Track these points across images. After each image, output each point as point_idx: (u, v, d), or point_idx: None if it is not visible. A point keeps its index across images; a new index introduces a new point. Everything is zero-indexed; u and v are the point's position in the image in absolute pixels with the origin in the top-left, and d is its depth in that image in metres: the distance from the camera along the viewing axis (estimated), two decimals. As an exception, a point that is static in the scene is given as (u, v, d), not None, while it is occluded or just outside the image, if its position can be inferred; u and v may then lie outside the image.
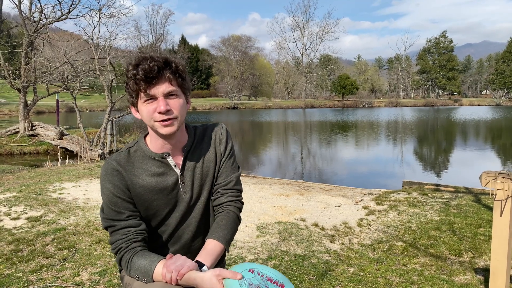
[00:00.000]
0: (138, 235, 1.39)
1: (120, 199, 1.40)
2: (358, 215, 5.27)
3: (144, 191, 1.43)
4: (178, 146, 1.47)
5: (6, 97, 42.15)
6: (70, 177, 7.91)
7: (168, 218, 1.49)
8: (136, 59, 1.34)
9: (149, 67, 1.30)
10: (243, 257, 3.85)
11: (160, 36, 76.10)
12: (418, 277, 3.37)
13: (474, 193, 6.28)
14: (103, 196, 1.43)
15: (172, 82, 1.36)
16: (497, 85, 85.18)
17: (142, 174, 1.43)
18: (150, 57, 1.33)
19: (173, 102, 1.36)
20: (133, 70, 1.32)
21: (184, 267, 1.23)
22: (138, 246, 1.38)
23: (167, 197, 1.46)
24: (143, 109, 1.37)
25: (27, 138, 16.31)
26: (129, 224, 1.40)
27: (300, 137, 22.95)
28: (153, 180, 1.44)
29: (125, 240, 1.38)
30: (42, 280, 3.30)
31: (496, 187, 2.42)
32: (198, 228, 1.54)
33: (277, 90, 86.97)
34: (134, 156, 1.46)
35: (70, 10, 16.78)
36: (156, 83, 1.33)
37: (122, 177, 1.42)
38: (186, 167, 1.49)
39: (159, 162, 1.45)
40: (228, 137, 1.58)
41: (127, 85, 1.38)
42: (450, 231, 4.52)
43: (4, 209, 5.42)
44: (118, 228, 1.39)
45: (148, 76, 1.31)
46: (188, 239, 1.53)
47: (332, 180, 10.54)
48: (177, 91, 1.38)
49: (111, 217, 1.41)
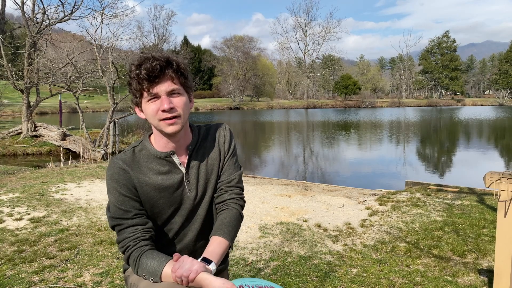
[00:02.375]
0: (146, 233, 1.40)
1: (127, 197, 1.42)
2: (360, 216, 5.26)
3: (150, 189, 1.44)
4: (182, 144, 1.49)
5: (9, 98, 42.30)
6: (72, 177, 7.92)
7: (174, 217, 1.50)
8: (139, 59, 1.36)
9: (151, 66, 1.32)
10: (245, 257, 3.84)
11: (162, 36, 76.30)
12: (421, 278, 3.36)
13: (477, 193, 6.26)
14: (110, 196, 1.44)
15: (175, 80, 1.38)
16: (500, 85, 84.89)
17: (148, 172, 1.45)
18: (152, 56, 1.35)
19: (176, 100, 1.38)
20: (135, 70, 1.35)
21: (193, 272, 1.23)
22: (146, 245, 1.39)
23: (172, 195, 1.47)
24: (147, 108, 1.39)
25: (30, 138, 16.35)
26: (136, 223, 1.41)
27: (303, 138, 22.94)
28: (159, 179, 1.45)
29: (133, 238, 1.39)
30: (44, 281, 3.30)
31: (500, 187, 2.40)
32: (203, 226, 1.55)
33: (280, 90, 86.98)
34: (140, 155, 1.48)
35: (73, 11, 16.83)
36: (159, 82, 1.35)
37: (129, 176, 1.43)
38: (191, 165, 1.50)
39: (164, 160, 1.47)
40: (231, 136, 1.61)
41: (130, 85, 1.39)
42: (454, 231, 4.50)
43: (7, 209, 5.43)
44: (125, 227, 1.41)
45: (150, 75, 1.33)
46: (192, 237, 1.54)
47: (334, 180, 10.52)
48: (180, 89, 1.39)
49: (118, 216, 1.42)
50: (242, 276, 3.44)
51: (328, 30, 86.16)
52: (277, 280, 3.35)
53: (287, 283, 3.28)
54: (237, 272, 3.51)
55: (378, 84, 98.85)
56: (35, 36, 16.46)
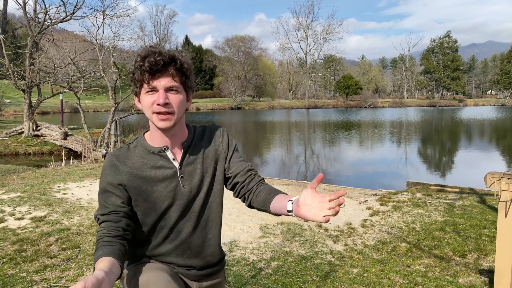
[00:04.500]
0: (112, 231, 1.43)
1: (109, 193, 1.47)
2: (361, 216, 5.26)
3: (143, 183, 1.48)
4: (177, 141, 1.52)
5: (11, 98, 42.36)
6: (74, 177, 7.94)
7: (167, 213, 1.52)
8: (145, 52, 1.41)
9: (155, 60, 1.37)
10: (246, 257, 3.85)
11: (164, 36, 76.33)
12: (422, 278, 3.36)
13: (478, 194, 6.25)
14: (99, 189, 1.51)
15: (175, 78, 1.41)
16: (502, 85, 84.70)
17: (141, 166, 1.49)
18: (158, 51, 1.40)
19: (173, 97, 1.41)
20: (140, 61, 1.39)
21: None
22: (106, 241, 1.42)
23: (165, 190, 1.49)
24: (144, 99, 1.43)
25: (31, 138, 16.38)
26: (109, 219, 1.45)
27: (304, 138, 22.93)
28: (152, 173, 1.49)
29: (102, 233, 1.44)
30: (45, 280, 3.31)
31: (501, 188, 2.40)
32: (197, 223, 1.56)
33: (281, 90, 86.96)
34: (134, 151, 1.52)
35: (75, 11, 16.85)
36: (160, 76, 1.39)
37: (118, 172, 1.48)
38: (186, 161, 1.53)
39: (158, 155, 1.50)
40: (228, 136, 1.64)
41: (133, 74, 1.45)
42: (455, 232, 4.50)
43: (8, 209, 5.45)
44: (101, 221, 1.47)
45: (152, 69, 1.37)
46: (188, 234, 1.54)
47: (335, 180, 10.52)
48: (179, 87, 1.43)
49: (99, 209, 1.49)
50: (243, 275, 3.45)
51: (329, 30, 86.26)
52: (277, 279, 3.36)
53: (288, 283, 3.29)
54: (237, 272, 3.52)
55: (380, 84, 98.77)
56: (36, 35, 16.49)
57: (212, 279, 1.62)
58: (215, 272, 1.62)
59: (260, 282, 3.31)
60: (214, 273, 1.62)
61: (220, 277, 1.66)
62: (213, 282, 1.62)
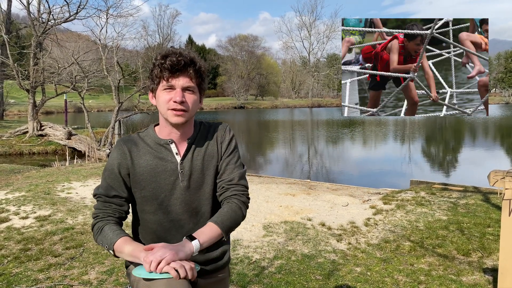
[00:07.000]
0: (117, 212, 1.54)
1: (117, 177, 1.55)
2: (365, 215, 5.25)
3: (144, 171, 1.54)
4: (183, 136, 1.58)
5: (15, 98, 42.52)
6: (78, 176, 7.97)
7: (166, 206, 1.55)
8: (167, 51, 1.49)
9: (176, 60, 1.46)
10: (249, 256, 3.85)
11: (167, 36, 76.37)
12: (426, 277, 3.35)
13: (482, 192, 6.23)
14: (105, 169, 1.58)
15: (193, 79, 1.51)
16: (506, 83, 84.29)
17: (145, 154, 1.56)
18: (179, 52, 1.48)
19: (188, 96, 1.50)
20: (161, 60, 1.47)
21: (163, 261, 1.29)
22: (113, 220, 1.52)
23: (164, 182, 1.55)
24: (160, 96, 1.51)
25: (36, 138, 16.46)
26: (113, 202, 1.54)
27: (307, 136, 22.91)
28: (153, 162, 1.55)
29: (105, 211, 1.54)
30: (50, 279, 3.33)
31: (505, 186, 2.40)
32: (197, 219, 1.58)
33: (284, 89, 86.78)
34: (142, 139, 1.61)
35: (78, 11, 16.93)
36: (179, 76, 1.48)
37: (125, 159, 1.55)
38: (187, 157, 1.57)
39: (162, 147, 1.57)
40: (231, 135, 1.66)
41: (151, 71, 1.53)
42: (458, 230, 4.49)
43: (13, 208, 5.48)
44: (103, 200, 1.55)
45: (173, 68, 1.46)
46: (188, 229, 1.56)
47: (339, 179, 10.50)
48: (194, 88, 1.52)
49: (102, 188, 1.56)
50: (246, 274, 3.45)
51: (332, 29, 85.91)
52: (281, 278, 3.36)
53: (291, 282, 3.29)
54: (241, 271, 3.53)
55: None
56: (40, 36, 16.56)
57: (216, 275, 1.65)
58: (218, 268, 1.64)
59: (264, 281, 3.32)
60: (217, 269, 1.64)
61: (224, 273, 1.69)
62: (217, 278, 1.65)
